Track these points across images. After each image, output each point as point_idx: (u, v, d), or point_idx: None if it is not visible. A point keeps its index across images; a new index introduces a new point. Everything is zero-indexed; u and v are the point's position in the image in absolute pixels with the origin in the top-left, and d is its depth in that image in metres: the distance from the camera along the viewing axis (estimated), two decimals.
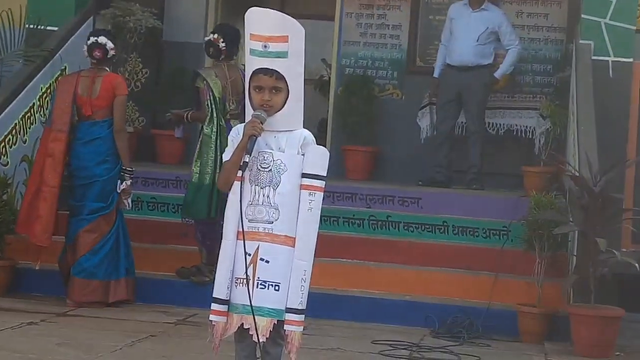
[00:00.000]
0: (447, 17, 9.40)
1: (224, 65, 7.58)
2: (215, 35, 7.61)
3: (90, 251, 7.12)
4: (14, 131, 7.76)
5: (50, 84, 8.21)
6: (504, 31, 9.18)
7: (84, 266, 7.09)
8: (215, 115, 7.37)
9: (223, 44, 7.53)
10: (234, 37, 7.61)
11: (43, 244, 7.19)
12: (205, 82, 7.42)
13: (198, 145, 7.45)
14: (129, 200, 7.34)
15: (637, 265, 6.45)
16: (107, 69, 7.41)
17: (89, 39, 7.44)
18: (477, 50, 9.14)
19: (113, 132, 7.23)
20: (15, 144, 7.78)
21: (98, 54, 7.32)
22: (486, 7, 9.23)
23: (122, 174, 7.23)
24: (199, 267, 7.41)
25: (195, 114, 7.59)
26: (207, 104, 7.38)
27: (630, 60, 7.95)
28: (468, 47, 9.14)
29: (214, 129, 7.34)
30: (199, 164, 7.36)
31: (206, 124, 7.39)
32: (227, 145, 4.39)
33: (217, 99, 7.41)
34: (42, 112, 8.13)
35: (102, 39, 7.35)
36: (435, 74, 9.38)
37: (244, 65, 4.32)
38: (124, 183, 7.22)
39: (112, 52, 7.42)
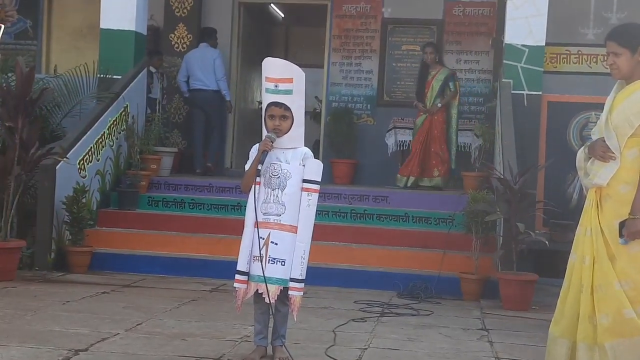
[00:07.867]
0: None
1: None
2: None
3: None
4: (90, 152, 7.71)
5: (116, 118, 8.19)
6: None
7: None
8: None
9: None
10: None
11: None
12: None
13: None
14: None
15: (546, 242, 6.48)
16: None
17: None
18: None
19: None
20: (91, 162, 7.74)
21: None
22: None
23: None
24: None
25: None
26: None
27: (540, 93, 7.94)
28: None
29: None
30: None
31: None
32: None
33: None
34: (110, 139, 8.11)
35: None
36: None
37: (260, 101, 4.31)
38: None
39: None
